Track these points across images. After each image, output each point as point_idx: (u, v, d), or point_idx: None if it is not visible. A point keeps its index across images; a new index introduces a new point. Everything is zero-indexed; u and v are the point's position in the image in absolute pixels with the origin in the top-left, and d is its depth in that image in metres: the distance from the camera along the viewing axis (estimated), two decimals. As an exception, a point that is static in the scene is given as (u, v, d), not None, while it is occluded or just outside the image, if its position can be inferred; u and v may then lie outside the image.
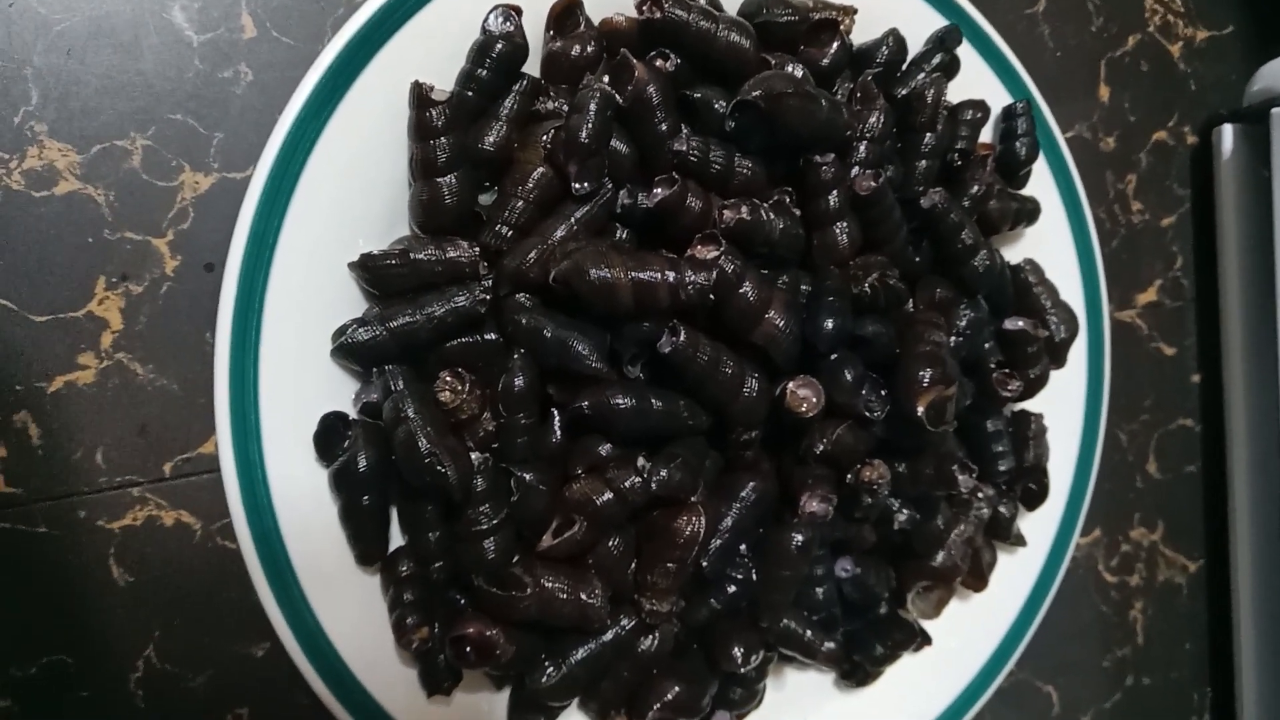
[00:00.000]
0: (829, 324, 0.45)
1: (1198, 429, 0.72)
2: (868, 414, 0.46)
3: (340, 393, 0.44)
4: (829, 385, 0.45)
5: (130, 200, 0.44)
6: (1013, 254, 0.58)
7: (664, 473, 0.43)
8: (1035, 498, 0.58)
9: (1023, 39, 0.63)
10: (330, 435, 0.43)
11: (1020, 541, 0.58)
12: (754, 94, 0.44)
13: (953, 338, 0.49)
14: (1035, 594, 0.60)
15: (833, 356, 0.46)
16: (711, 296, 0.42)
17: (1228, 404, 0.69)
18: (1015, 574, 0.59)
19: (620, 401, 0.43)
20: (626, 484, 0.43)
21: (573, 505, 0.43)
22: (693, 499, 0.44)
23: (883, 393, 0.46)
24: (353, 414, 0.44)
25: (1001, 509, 0.57)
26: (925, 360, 0.46)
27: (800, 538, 0.46)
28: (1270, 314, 0.67)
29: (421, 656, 0.44)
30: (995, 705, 0.62)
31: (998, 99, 0.57)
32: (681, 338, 0.43)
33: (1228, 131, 0.67)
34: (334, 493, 0.44)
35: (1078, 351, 0.59)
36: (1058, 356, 0.57)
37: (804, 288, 0.48)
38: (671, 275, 0.42)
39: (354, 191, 0.44)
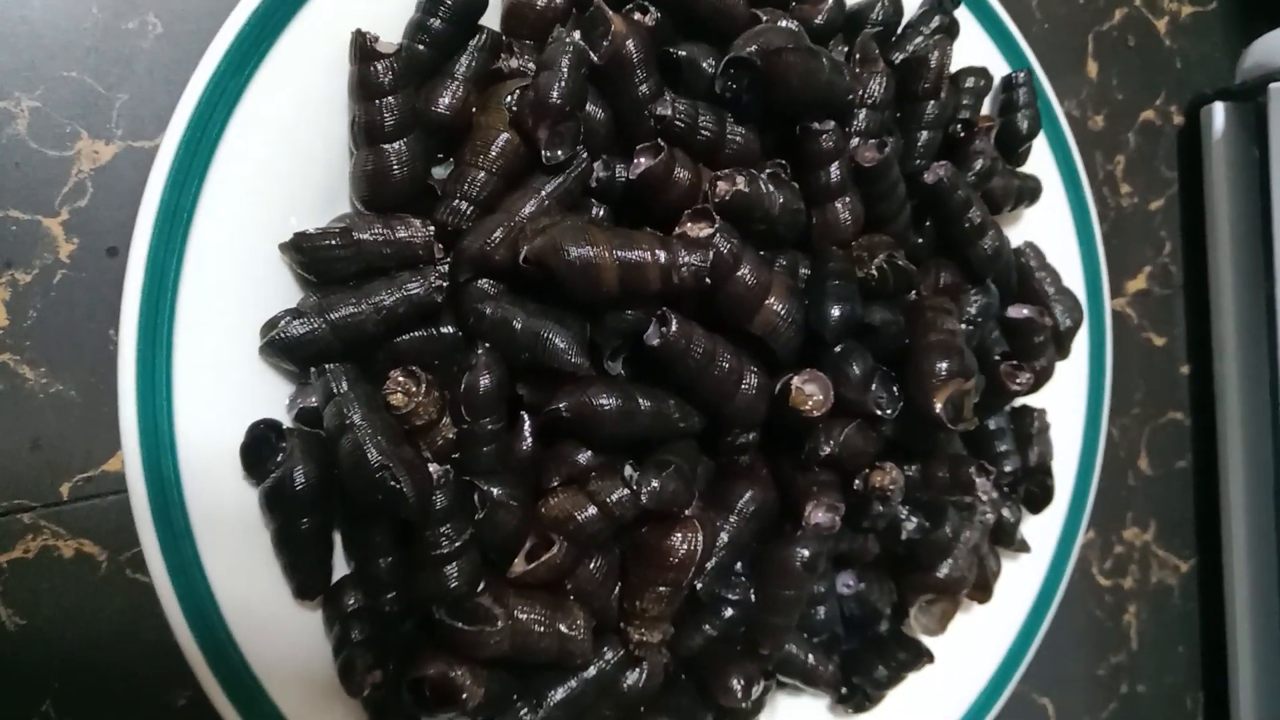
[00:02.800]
0: (835, 311, 0.40)
1: (1188, 422, 0.70)
2: (879, 412, 0.41)
3: (271, 397, 0.39)
4: (836, 380, 0.40)
5: (15, 173, 0.38)
6: (1011, 236, 0.54)
7: (655, 484, 0.37)
8: (1040, 500, 0.54)
9: (1011, 7, 0.59)
10: (260, 448, 0.37)
11: (1024, 547, 0.54)
12: (748, 50, 0.39)
13: (963, 326, 0.44)
14: (1040, 602, 0.56)
15: (838, 348, 0.41)
16: (707, 280, 0.37)
17: (1219, 396, 0.67)
18: (1018, 582, 0.55)
19: (603, 402, 0.37)
20: (612, 498, 0.37)
21: (550, 523, 0.37)
22: (687, 513, 0.38)
23: (894, 388, 0.41)
24: (287, 422, 0.39)
25: (1005, 513, 0.52)
26: (940, 351, 0.41)
27: (805, 553, 0.41)
28: (1262, 301, 0.64)
29: (374, 704, 0.39)
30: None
31: (994, 68, 0.52)
32: (673, 328, 0.37)
33: (1218, 110, 0.64)
34: (266, 515, 0.38)
35: (1078, 342, 0.55)
36: (1062, 347, 0.53)
37: (803, 271, 0.43)
38: (663, 255, 0.36)
39: (284, 161, 0.38)
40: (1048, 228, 0.55)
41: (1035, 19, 0.61)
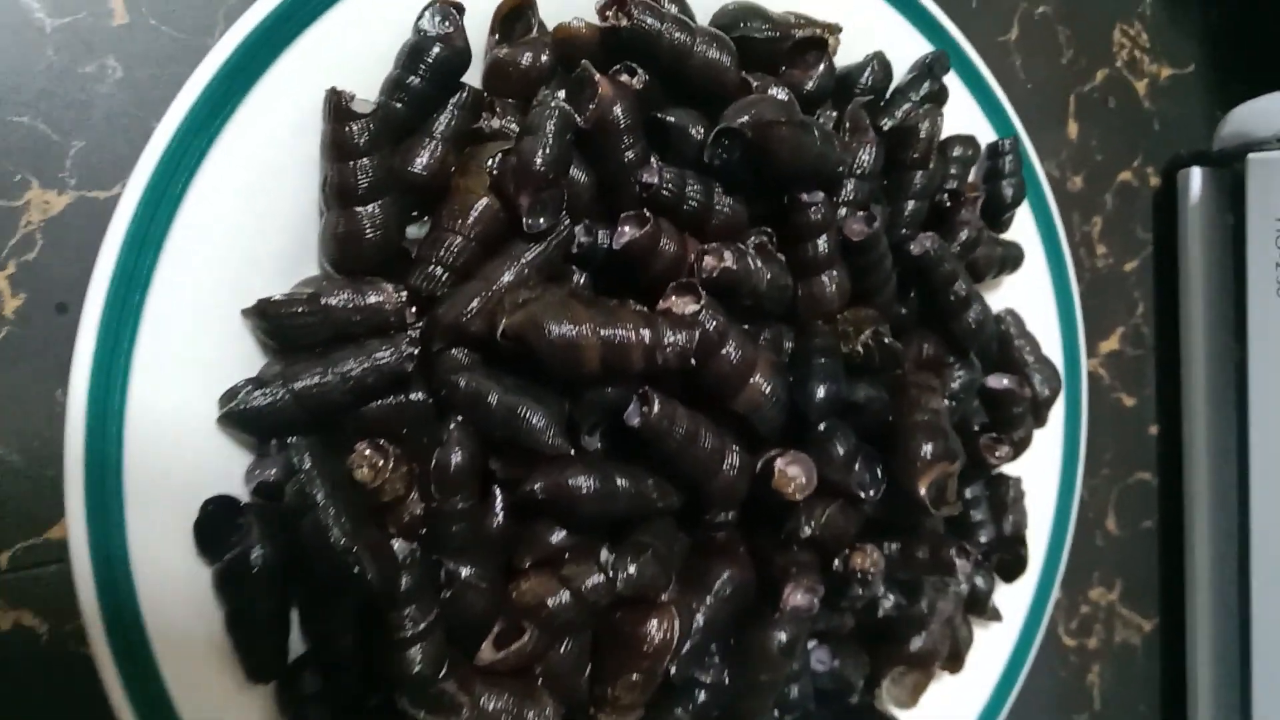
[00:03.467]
0: (821, 390, 0.39)
1: (1155, 482, 0.70)
2: (862, 494, 0.40)
3: (229, 470, 0.36)
4: (819, 460, 0.39)
5: (-43, 223, 0.36)
6: (990, 300, 0.53)
7: (632, 569, 0.36)
8: (1014, 570, 0.53)
9: (994, 66, 0.59)
10: (216, 525, 0.35)
11: (996, 616, 0.54)
12: (740, 121, 0.38)
13: (946, 402, 0.44)
14: (1010, 669, 0.55)
15: (822, 426, 0.40)
16: (692, 361, 0.36)
17: (1187, 457, 0.67)
18: (989, 649, 0.55)
19: (581, 484, 0.36)
20: (587, 584, 0.36)
21: (521, 609, 0.36)
22: (663, 598, 0.37)
23: (878, 469, 0.40)
24: (245, 497, 0.36)
25: (979, 582, 0.52)
26: (925, 432, 0.40)
27: (783, 637, 0.40)
28: (1232, 366, 0.64)
29: None
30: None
31: (978, 130, 0.52)
32: (655, 409, 0.36)
33: (1195, 175, 0.64)
34: (220, 596, 0.35)
35: (1054, 408, 0.55)
36: (1040, 416, 0.52)
37: (787, 345, 0.41)
38: (647, 335, 0.35)
39: (251, 220, 0.36)
40: (1027, 291, 0.55)
41: (1019, 79, 0.61)
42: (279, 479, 0.36)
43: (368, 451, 0.36)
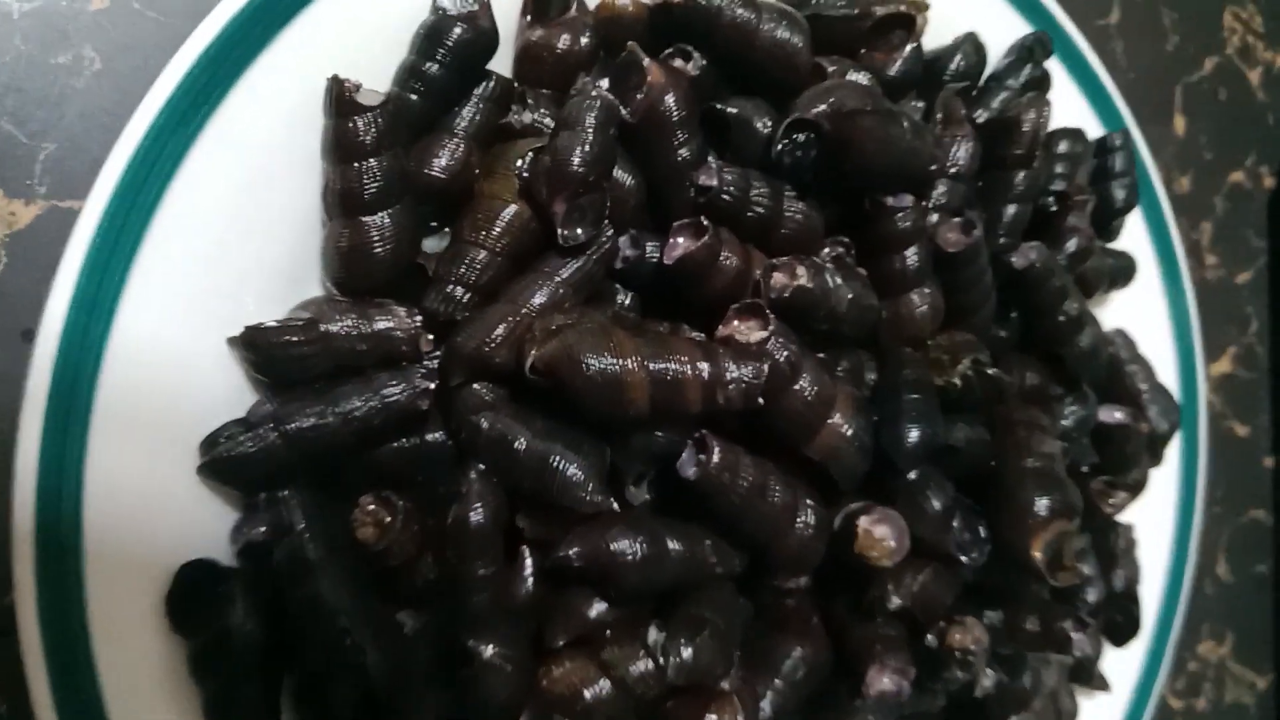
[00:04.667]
0: (913, 433, 0.33)
1: (1270, 521, 0.62)
2: (961, 557, 0.33)
3: (209, 528, 0.31)
4: (909, 517, 0.32)
5: (-87, 237, 0.32)
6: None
7: (687, 654, 0.30)
8: (1125, 631, 0.46)
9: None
10: (193, 595, 0.30)
11: (1104, 685, 0.46)
12: (815, 110, 0.32)
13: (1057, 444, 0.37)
14: (1118, 747, 0.48)
15: (913, 474, 0.33)
16: (760, 400, 0.29)
17: (1309, 494, 0.59)
18: (1094, 723, 0.47)
19: (625, 549, 0.30)
20: (632, 671, 0.30)
21: (554, 701, 0.30)
22: (724, 685, 0.31)
23: (979, 527, 0.34)
24: (227, 559, 0.30)
25: (1085, 647, 0.44)
26: (1037, 482, 0.34)
27: (866, 728, 0.33)
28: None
29: None
30: None
31: (1082, 125, 0.45)
32: (715, 458, 0.30)
33: (1320, 175, 0.56)
34: (198, 680, 0.30)
35: (1171, 445, 0.48)
36: (1156, 453, 0.45)
37: (869, 376, 0.35)
38: (705, 369, 0.29)
39: (238, 233, 0.32)
40: (1137, 309, 0.48)
41: (1120, 67, 0.54)
42: (269, 538, 0.31)
43: (372, 506, 0.31)
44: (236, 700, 0.30)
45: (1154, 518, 0.49)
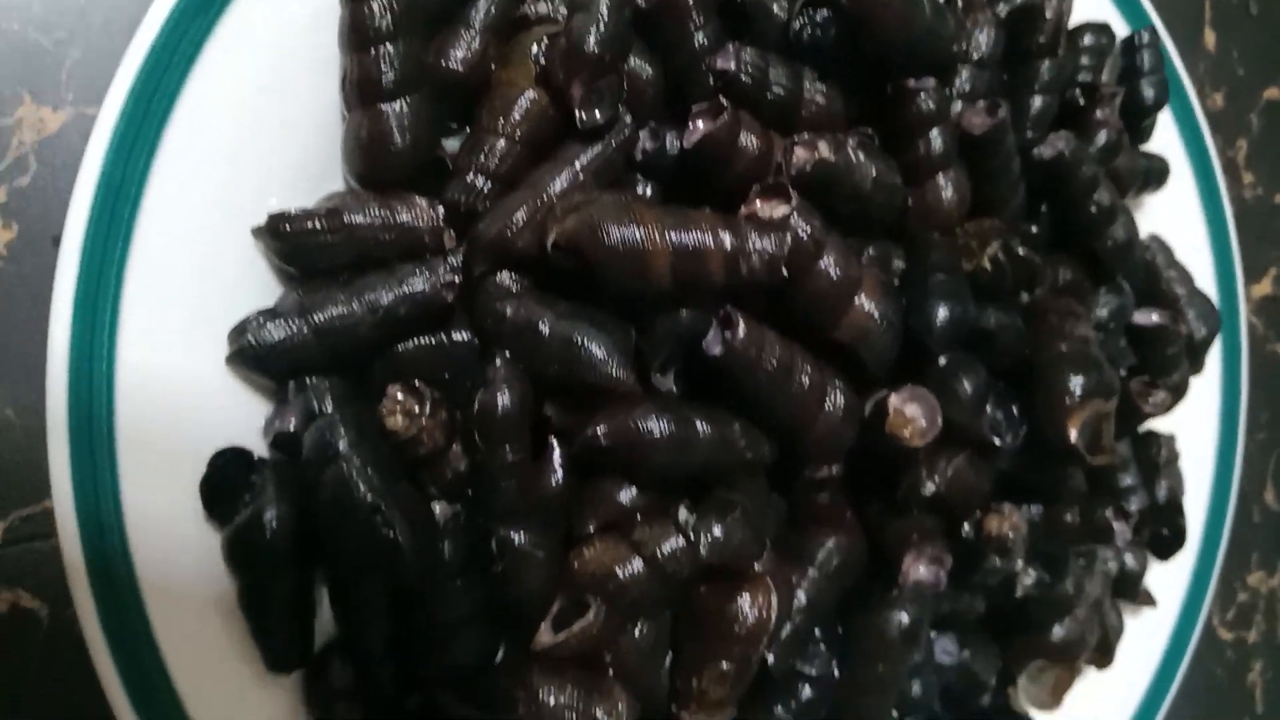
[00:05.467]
0: (943, 312, 0.32)
1: (1319, 447, 0.60)
2: (996, 440, 0.32)
3: (241, 419, 0.31)
4: (943, 400, 0.32)
5: (-60, 145, 0.33)
6: (1131, 229, 0.45)
7: (718, 530, 0.30)
8: (1170, 544, 0.45)
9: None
10: (225, 483, 0.31)
11: (1149, 601, 0.45)
12: (834, -13, 0.31)
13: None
14: (1165, 666, 0.47)
15: (944, 360, 0.33)
16: (783, 271, 0.29)
17: (1359, 418, 0.57)
18: (1140, 641, 0.46)
19: (653, 428, 0.30)
20: (663, 549, 0.29)
21: (584, 581, 0.30)
22: (756, 568, 0.30)
23: (1014, 410, 0.33)
24: (260, 451, 0.31)
25: (1129, 560, 0.43)
26: (1074, 364, 0.33)
27: (904, 618, 0.33)
28: None
29: None
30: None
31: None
32: (741, 332, 0.29)
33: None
34: (232, 569, 0.30)
35: (1210, 355, 0.46)
36: (1196, 360, 0.44)
37: (896, 264, 0.35)
38: (728, 239, 0.29)
39: (259, 127, 0.32)
40: (1172, 216, 0.47)
41: (1145, -21, 0.53)
42: (300, 429, 0.31)
43: (400, 395, 0.31)
44: (270, 589, 0.30)
45: (1196, 433, 0.48)
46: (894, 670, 0.33)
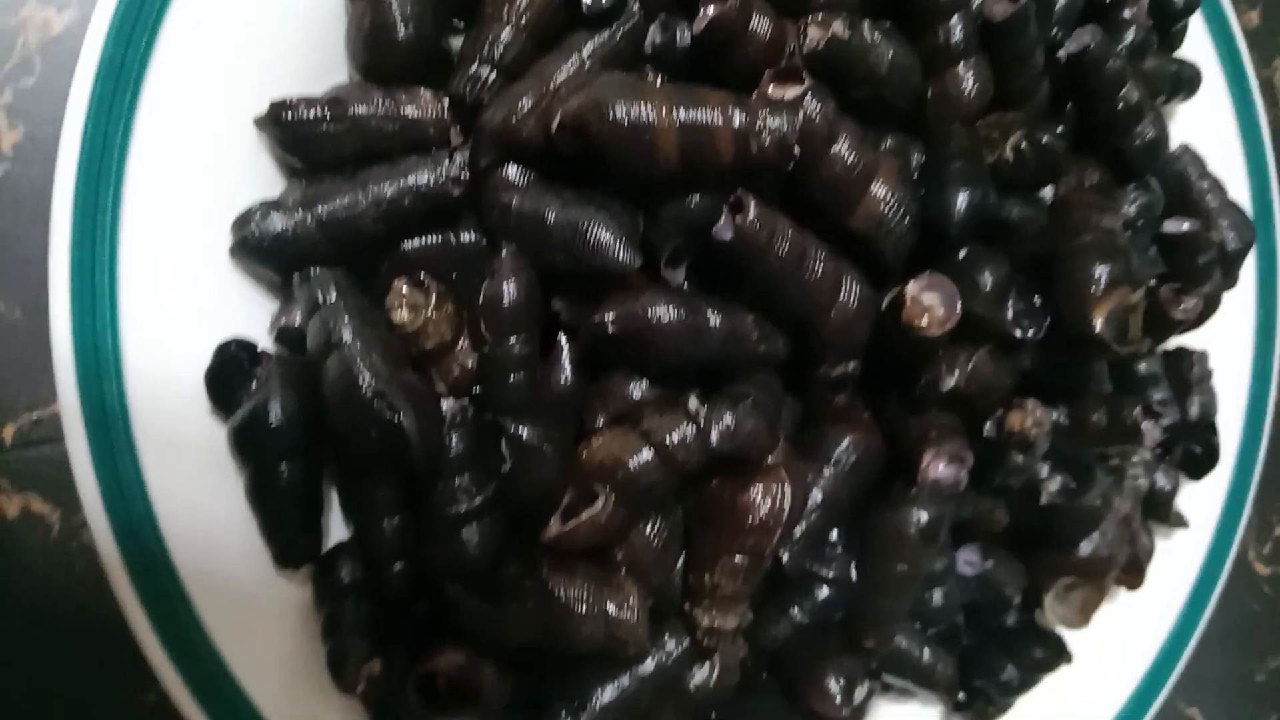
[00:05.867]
0: (962, 198, 0.31)
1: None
2: (1017, 332, 0.31)
3: (244, 312, 0.32)
4: (962, 290, 0.31)
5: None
6: (1161, 140, 0.44)
7: (728, 420, 0.29)
8: (1203, 463, 0.44)
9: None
10: (230, 373, 0.30)
11: (1181, 522, 0.44)
12: None
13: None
14: (1198, 591, 0.46)
15: (964, 250, 0.32)
16: (795, 151, 0.28)
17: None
18: (1172, 565, 0.45)
19: (662, 315, 0.29)
20: (673, 438, 0.29)
21: (593, 471, 0.29)
22: (770, 460, 0.30)
23: (1036, 301, 0.32)
24: (264, 343, 0.31)
25: (1159, 479, 0.42)
26: (1099, 253, 0.32)
27: (923, 516, 0.32)
28: None
29: (373, 702, 0.31)
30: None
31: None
32: (751, 215, 0.28)
33: (1404, -1, 0.52)
34: (238, 459, 0.30)
35: (1244, 270, 0.45)
36: (1229, 272, 0.43)
37: (915, 158, 0.34)
38: (738, 116, 0.28)
39: (260, 17, 0.31)
40: (1204, 131, 0.45)
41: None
42: (304, 324, 0.30)
43: (405, 289, 0.30)
44: (275, 480, 0.30)
45: (1231, 351, 0.46)
46: (912, 571, 0.33)
